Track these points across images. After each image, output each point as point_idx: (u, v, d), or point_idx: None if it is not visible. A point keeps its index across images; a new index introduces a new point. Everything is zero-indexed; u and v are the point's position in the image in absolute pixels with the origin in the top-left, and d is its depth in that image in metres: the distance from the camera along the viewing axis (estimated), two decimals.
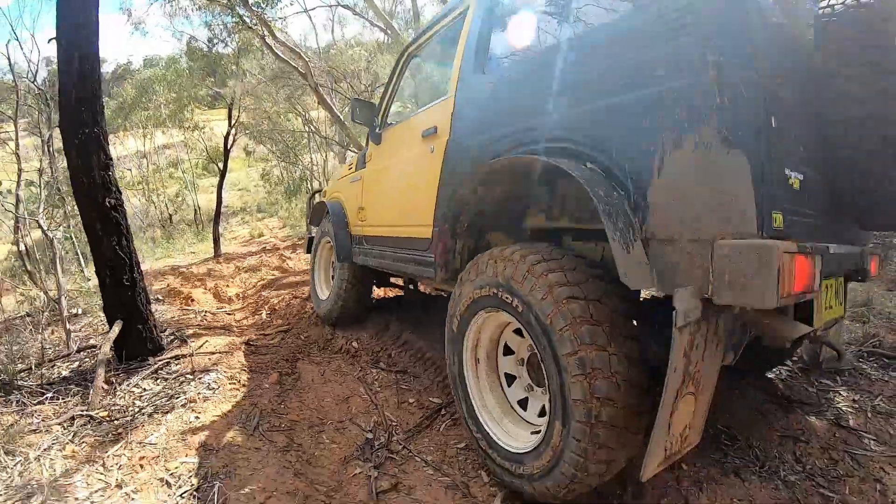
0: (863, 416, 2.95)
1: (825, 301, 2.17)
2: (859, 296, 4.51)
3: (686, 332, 1.62)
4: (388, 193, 3.81)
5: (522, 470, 2.17)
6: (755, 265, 1.49)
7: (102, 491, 2.32)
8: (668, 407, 1.65)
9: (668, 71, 1.75)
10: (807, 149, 1.85)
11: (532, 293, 2.02)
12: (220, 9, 12.18)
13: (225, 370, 3.73)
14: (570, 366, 1.86)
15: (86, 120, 3.61)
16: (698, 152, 1.64)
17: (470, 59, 2.88)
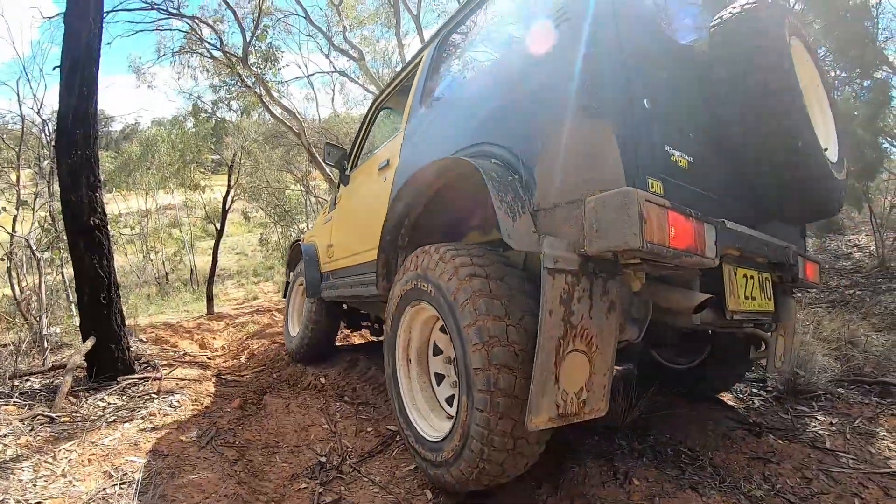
0: (841, 438, 2.96)
1: (744, 289, 2.31)
2: (843, 334, 4.54)
3: (559, 278, 1.76)
4: (350, 227, 4.06)
5: (441, 457, 2.22)
6: (617, 209, 1.64)
7: (47, 477, 2.37)
8: (547, 352, 1.73)
9: (549, 70, 2.07)
10: (700, 137, 2.09)
11: (441, 276, 2.19)
12: (221, 67, 12.86)
13: (190, 394, 3.78)
14: (470, 336, 1.98)
15: (80, 142, 3.88)
16: (572, 130, 1.89)
17: (418, 98, 3.25)
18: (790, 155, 2.10)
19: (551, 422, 1.74)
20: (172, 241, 21.73)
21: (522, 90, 2.22)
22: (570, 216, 1.83)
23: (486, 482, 2.09)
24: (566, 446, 2.74)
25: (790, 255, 2.51)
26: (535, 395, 1.71)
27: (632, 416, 2.86)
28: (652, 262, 1.80)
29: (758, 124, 2.10)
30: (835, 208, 2.41)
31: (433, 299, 2.26)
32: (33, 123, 8.30)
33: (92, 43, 4.06)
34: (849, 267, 7.43)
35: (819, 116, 2.57)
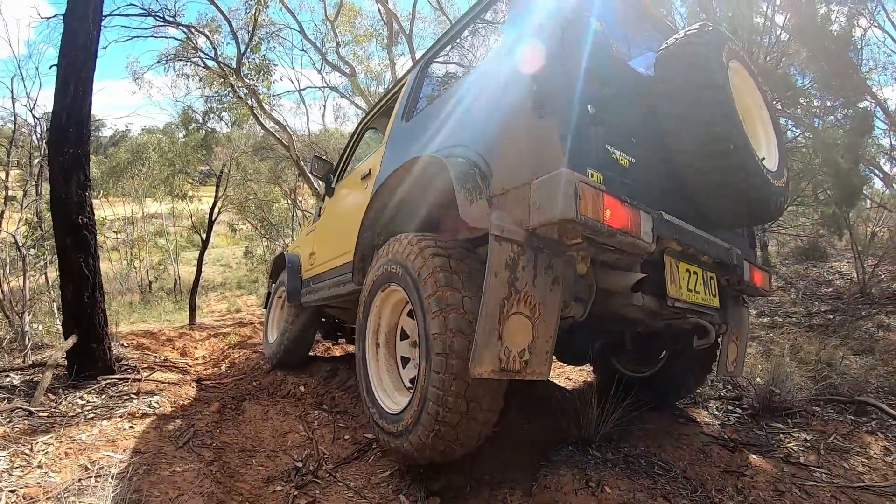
0: (815, 454, 3.00)
1: (687, 282, 2.53)
2: (822, 356, 4.59)
3: (504, 245, 2.00)
4: (332, 233, 4.27)
5: (401, 426, 2.40)
6: (555, 187, 1.90)
7: (23, 468, 2.37)
8: (490, 309, 1.94)
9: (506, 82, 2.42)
10: (643, 142, 2.38)
11: (408, 257, 2.45)
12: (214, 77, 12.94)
13: (169, 397, 3.78)
14: (429, 305, 2.22)
15: (72, 141, 3.91)
16: (523, 130, 2.22)
17: (400, 113, 3.56)
18: (722, 159, 2.35)
19: (493, 374, 1.94)
20: (157, 250, 21.62)
21: (485, 99, 2.57)
22: (519, 197, 2.08)
23: (441, 447, 2.25)
24: (541, 455, 2.77)
25: (733, 257, 2.73)
26: (479, 346, 1.92)
27: (606, 428, 2.89)
28: (593, 241, 2.03)
29: (693, 132, 2.38)
30: (772, 212, 2.67)
31: (401, 279, 2.50)
32: (26, 122, 8.32)
33: (89, 45, 4.10)
34: (830, 293, 7.52)
35: (761, 131, 2.90)
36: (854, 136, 6.33)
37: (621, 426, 3.06)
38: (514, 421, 3.25)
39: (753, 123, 2.84)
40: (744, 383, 3.93)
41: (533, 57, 2.27)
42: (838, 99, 6.82)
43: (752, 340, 5.51)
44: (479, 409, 2.19)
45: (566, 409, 2.95)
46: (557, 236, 2.05)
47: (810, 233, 9.02)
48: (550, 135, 2.05)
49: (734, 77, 2.62)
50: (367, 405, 2.80)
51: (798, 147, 7.57)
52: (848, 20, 6.67)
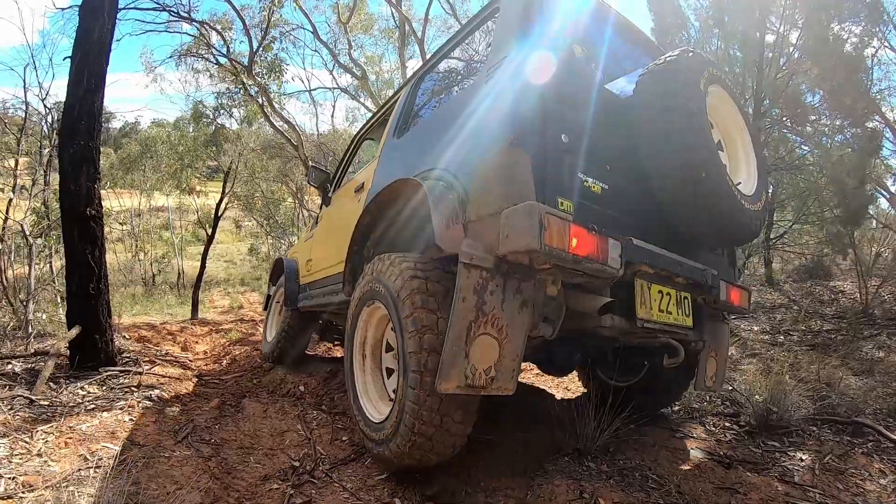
0: (810, 474, 3.00)
1: (658, 303, 2.60)
2: (821, 375, 4.59)
3: (473, 272, 2.10)
4: (327, 242, 4.40)
5: (383, 434, 2.53)
6: (522, 218, 1.99)
7: (22, 455, 2.39)
8: (457, 330, 2.05)
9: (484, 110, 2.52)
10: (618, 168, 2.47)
11: (389, 277, 2.55)
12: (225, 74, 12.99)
13: (170, 391, 3.80)
14: (407, 325, 2.33)
15: (83, 133, 3.96)
16: (498, 158, 2.30)
17: (392, 129, 3.69)
18: (696, 185, 2.42)
19: (459, 389, 2.05)
20: (162, 244, 21.68)
21: (466, 125, 2.63)
22: (491, 225, 2.17)
23: (417, 456, 2.38)
24: (536, 464, 2.78)
25: (708, 277, 2.77)
26: (445, 364, 2.03)
27: (602, 440, 2.90)
28: (562, 268, 2.12)
29: (668, 157, 2.45)
30: (746, 234, 2.75)
31: (383, 297, 2.59)
32: (37, 111, 8.37)
33: (104, 38, 4.15)
34: (832, 312, 7.51)
35: (741, 154, 2.98)
36: (862, 156, 6.32)
37: (618, 438, 3.07)
38: (511, 430, 3.27)
39: (734, 146, 2.97)
40: (742, 400, 3.93)
41: (510, 86, 2.38)
42: (847, 118, 6.81)
43: (753, 357, 5.51)
44: (452, 423, 2.30)
45: (563, 420, 2.96)
46: (528, 262, 2.13)
47: (815, 251, 9.00)
48: (523, 165, 2.15)
49: (715, 101, 2.73)
50: (354, 412, 2.93)
51: (805, 165, 7.58)
52: (860, 40, 6.66)
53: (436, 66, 3.64)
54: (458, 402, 2.30)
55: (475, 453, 2.92)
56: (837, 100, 6.63)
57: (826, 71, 6.54)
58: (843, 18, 6.62)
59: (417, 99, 3.70)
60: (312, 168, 4.94)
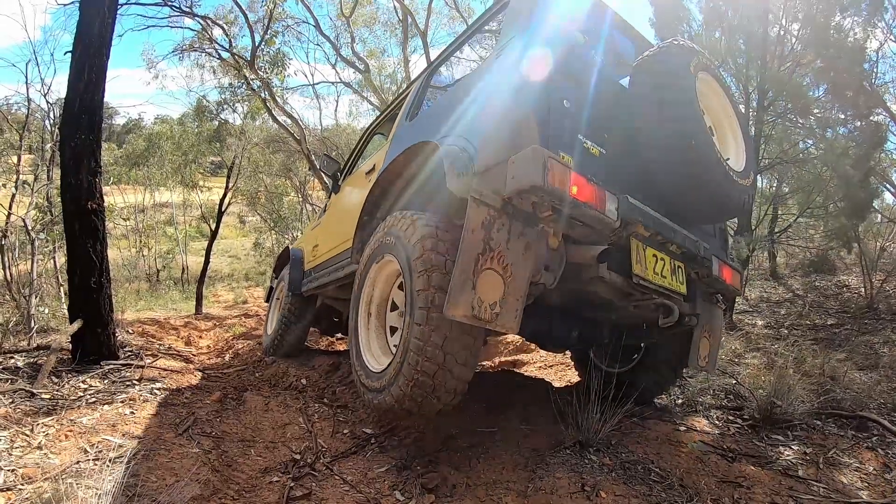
0: (814, 468, 2.99)
1: (653, 266, 2.76)
2: (825, 369, 4.58)
3: (482, 208, 2.27)
4: (335, 224, 4.58)
5: (384, 381, 2.66)
6: (527, 160, 2.16)
7: (23, 448, 2.39)
8: (466, 260, 2.20)
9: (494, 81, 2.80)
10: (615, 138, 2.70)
11: (402, 228, 2.73)
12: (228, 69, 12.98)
13: (171, 384, 3.80)
14: (416, 266, 2.50)
15: (84, 127, 3.95)
16: (505, 118, 2.53)
17: (405, 115, 3.91)
18: (684, 153, 2.61)
19: (466, 318, 2.18)
20: (166, 239, 21.72)
21: (477, 96, 2.88)
22: (499, 172, 2.31)
23: (419, 398, 2.48)
24: (538, 457, 2.77)
25: (700, 249, 2.93)
26: (454, 291, 2.17)
27: (604, 433, 2.89)
28: (561, 214, 2.26)
29: (659, 129, 2.65)
30: (735, 208, 2.93)
31: (394, 248, 2.78)
32: (39, 107, 8.37)
33: (104, 32, 4.13)
34: (837, 306, 7.49)
35: (730, 137, 3.18)
36: (866, 149, 6.29)
37: (620, 431, 3.06)
38: (512, 422, 3.26)
39: (723, 130, 3.17)
40: (745, 394, 3.91)
41: (519, 62, 2.61)
42: (851, 110, 6.77)
43: (757, 351, 5.50)
44: (455, 363, 2.43)
45: (565, 413, 2.95)
46: (531, 207, 2.31)
47: (819, 245, 8.97)
48: (529, 122, 2.37)
49: (704, 87, 2.95)
50: (355, 368, 3.08)
51: (809, 158, 7.54)
52: (863, 30, 6.61)
53: (448, 58, 3.90)
54: (462, 340, 2.43)
55: (476, 446, 2.91)
56: (840, 92, 6.60)
57: (828, 63, 6.50)
58: (844, 9, 6.57)
59: (428, 89, 3.95)
60: (325, 157, 5.21)
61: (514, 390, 4.15)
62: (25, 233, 5.91)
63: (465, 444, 2.94)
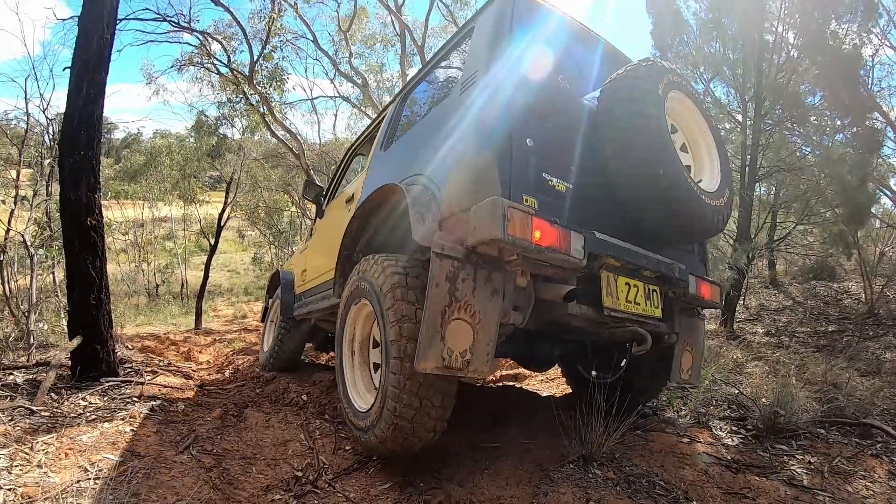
0: (819, 477, 2.97)
1: (626, 295, 2.78)
2: (828, 377, 4.57)
3: (445, 261, 2.26)
4: (320, 252, 4.61)
5: (369, 421, 2.69)
6: (487, 211, 2.17)
7: (22, 466, 2.38)
8: (432, 314, 2.21)
9: (456, 120, 2.77)
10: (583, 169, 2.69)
11: (374, 274, 2.74)
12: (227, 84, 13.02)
13: (172, 401, 3.78)
14: (388, 316, 2.52)
15: (83, 143, 3.96)
16: (468, 161, 2.54)
17: (380, 143, 3.93)
18: (653, 180, 2.61)
19: (437, 369, 2.20)
20: (165, 254, 21.72)
21: (442, 135, 2.86)
22: (461, 220, 2.35)
23: (400, 440, 2.52)
24: (541, 472, 2.75)
25: (675, 271, 2.94)
26: (422, 346, 2.18)
27: (608, 446, 2.87)
28: (527, 258, 2.29)
29: (629, 157, 2.65)
30: (708, 227, 2.90)
31: (368, 294, 2.79)
32: (38, 122, 8.39)
33: (103, 48, 4.15)
34: (837, 313, 7.48)
35: (705, 155, 3.19)
36: (863, 155, 6.30)
37: (623, 444, 3.05)
38: (515, 436, 3.24)
39: (698, 147, 3.18)
40: (748, 403, 3.90)
41: (480, 98, 2.63)
42: (847, 117, 6.79)
43: (758, 360, 5.48)
44: (431, 406, 2.46)
45: (568, 426, 2.93)
46: (496, 253, 2.33)
47: (818, 252, 8.97)
48: (490, 167, 2.38)
49: (677, 105, 2.98)
50: (344, 405, 3.13)
51: (807, 165, 7.55)
52: (858, 36, 6.64)
53: (418, 84, 3.90)
54: (437, 386, 2.45)
55: (480, 461, 2.89)
56: (836, 98, 6.62)
57: (824, 69, 6.53)
58: (839, 16, 6.61)
59: (402, 115, 3.95)
60: (306, 183, 5.22)
61: (517, 404, 4.14)
62: (24, 248, 5.90)
63: (469, 460, 2.92)
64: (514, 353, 3.93)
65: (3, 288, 6.56)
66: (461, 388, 3.56)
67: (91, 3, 4.19)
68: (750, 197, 7.21)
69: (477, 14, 3.17)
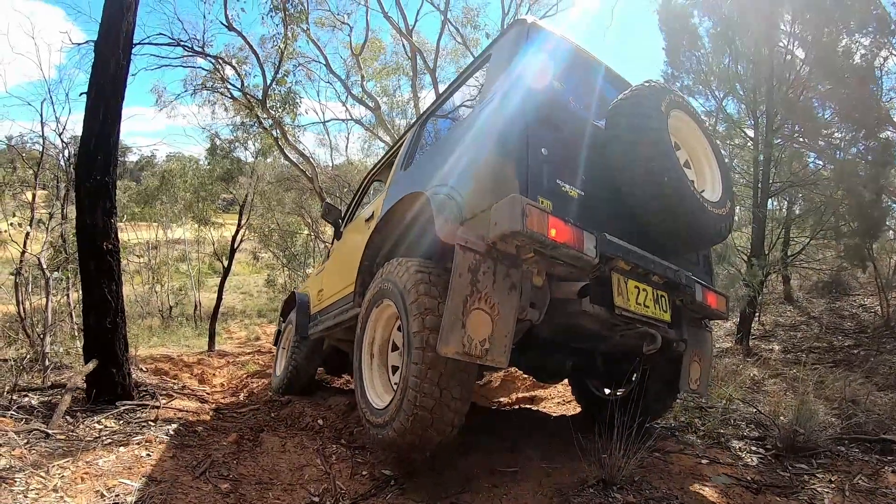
0: (840, 496, 2.91)
1: (636, 297, 2.91)
2: (846, 392, 4.50)
3: (468, 254, 2.41)
4: (338, 269, 4.75)
5: (387, 416, 2.79)
6: (507, 207, 2.33)
7: (38, 491, 2.37)
8: (455, 302, 2.34)
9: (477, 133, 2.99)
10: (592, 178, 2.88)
11: (398, 275, 2.90)
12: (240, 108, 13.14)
13: (187, 425, 3.77)
14: (412, 309, 2.66)
15: (100, 167, 4.02)
16: (488, 168, 2.74)
17: (401, 164, 4.12)
18: (657, 189, 2.78)
19: (457, 355, 2.32)
20: (179, 276, 21.84)
21: (463, 148, 3.04)
22: (483, 219, 2.52)
23: (419, 431, 2.61)
24: (561, 496, 2.72)
25: (682, 277, 3.09)
26: (445, 330, 2.30)
27: (628, 469, 2.84)
28: (543, 255, 2.45)
29: (635, 168, 2.83)
30: (712, 234, 3.07)
31: (391, 293, 2.94)
32: (53, 145, 8.51)
33: (119, 73, 4.22)
34: (853, 327, 7.39)
35: (707, 169, 3.37)
36: (876, 168, 6.26)
37: (643, 467, 3.01)
38: (533, 460, 3.21)
39: (700, 162, 3.37)
40: (767, 423, 3.85)
41: (500, 111, 2.85)
42: (860, 130, 6.76)
43: (776, 377, 5.41)
44: (451, 397, 2.57)
45: (587, 449, 2.90)
46: (514, 250, 2.49)
47: (832, 266, 8.89)
48: (509, 171, 2.57)
49: (678, 123, 3.16)
50: (361, 405, 3.24)
51: (820, 180, 7.51)
52: (869, 51, 6.63)
53: (439, 107, 4.11)
54: (457, 376, 2.58)
55: (499, 486, 2.86)
56: (849, 113, 6.60)
57: (836, 84, 6.52)
58: (851, 31, 6.60)
59: (423, 136, 4.13)
60: (326, 205, 5.35)
61: (534, 428, 4.11)
62: (40, 271, 5.95)
63: (487, 485, 2.89)
64: (526, 364, 4.09)
65: (18, 309, 6.61)
66: (479, 411, 3.56)
67: (107, 29, 4.27)
68: (763, 213, 7.18)
69: (493, 42, 3.47)
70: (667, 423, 4.23)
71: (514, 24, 3.28)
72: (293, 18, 11.73)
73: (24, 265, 7.20)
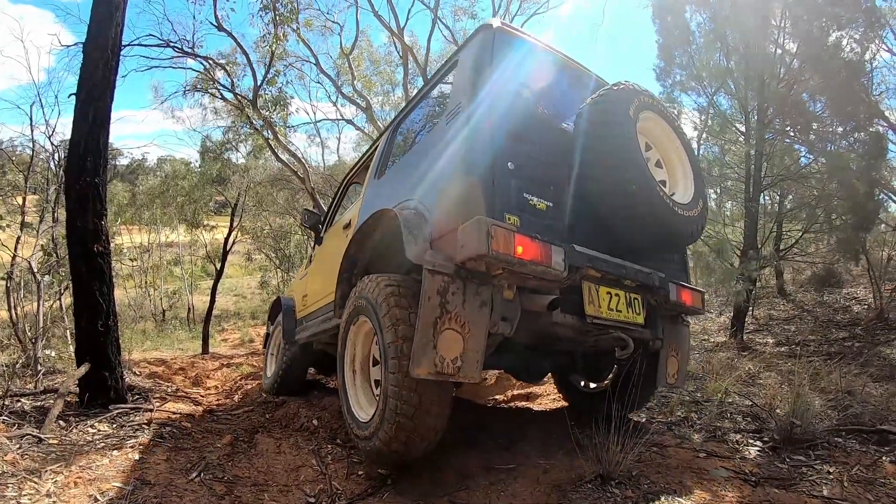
0: (838, 487, 2.90)
1: (608, 303, 2.95)
2: (841, 384, 4.53)
3: (436, 277, 2.45)
4: (320, 277, 4.75)
5: (371, 428, 2.81)
6: (473, 230, 2.36)
7: (31, 495, 2.35)
8: (425, 325, 2.38)
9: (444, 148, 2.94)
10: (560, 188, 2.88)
11: (371, 291, 2.92)
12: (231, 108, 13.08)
13: (181, 428, 3.74)
14: (385, 322, 2.69)
15: (89, 169, 3.99)
16: (455, 185, 2.72)
17: (374, 172, 4.16)
18: (628, 198, 2.81)
19: (430, 375, 2.36)
20: (172, 279, 21.76)
21: (431, 162, 3.05)
22: (451, 239, 2.53)
23: (402, 439, 2.63)
24: (559, 493, 2.71)
25: (655, 279, 3.12)
26: (416, 353, 2.36)
27: (625, 464, 2.83)
28: (512, 272, 2.47)
29: (604, 176, 2.86)
30: (683, 236, 3.14)
31: (366, 310, 2.96)
32: (43, 148, 8.45)
33: (108, 75, 4.19)
34: (847, 319, 7.43)
35: (679, 169, 3.38)
36: (868, 160, 6.29)
37: (641, 462, 3.00)
38: (530, 456, 3.20)
39: (672, 163, 3.37)
40: (763, 415, 3.85)
41: (465, 127, 2.80)
42: (850, 123, 6.79)
43: (770, 371, 5.42)
44: (431, 403, 2.59)
45: (584, 445, 2.89)
46: (484, 268, 2.49)
47: (825, 259, 8.93)
48: (475, 189, 2.56)
49: (649, 125, 3.19)
50: (347, 420, 3.27)
51: (812, 173, 7.54)
52: (859, 45, 6.66)
53: (408, 115, 4.10)
54: (434, 385, 2.58)
55: (496, 483, 2.85)
56: (839, 106, 6.63)
57: (827, 78, 6.54)
58: (841, 25, 6.63)
59: (394, 145, 4.16)
60: (305, 211, 5.54)
61: (530, 424, 4.10)
62: (31, 274, 5.91)
63: (484, 482, 2.88)
64: (508, 365, 4.14)
65: (10, 314, 6.56)
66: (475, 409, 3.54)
67: (96, 31, 4.24)
68: (755, 207, 7.19)
69: (460, 48, 3.38)
70: (664, 417, 4.23)
71: (481, 30, 3.16)
72: (283, 18, 11.66)
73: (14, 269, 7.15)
